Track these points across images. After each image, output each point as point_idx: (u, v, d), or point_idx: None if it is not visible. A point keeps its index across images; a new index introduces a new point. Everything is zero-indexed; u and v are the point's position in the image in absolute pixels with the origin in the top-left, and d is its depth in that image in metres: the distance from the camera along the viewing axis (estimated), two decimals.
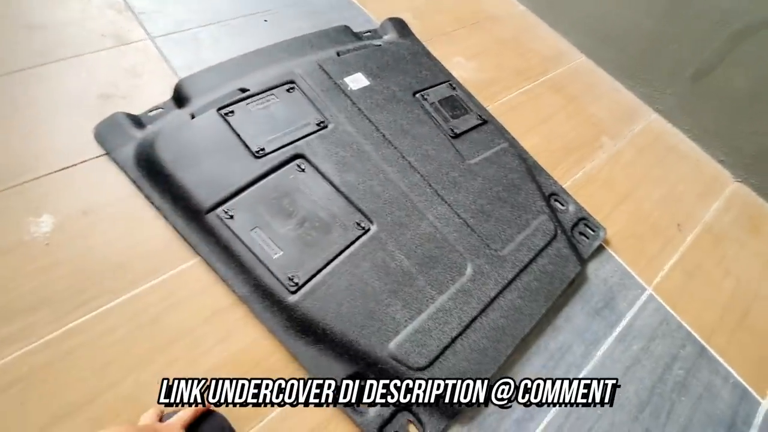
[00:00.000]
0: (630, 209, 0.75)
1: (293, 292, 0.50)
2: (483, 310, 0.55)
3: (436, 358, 0.50)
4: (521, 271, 0.60)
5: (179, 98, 0.63)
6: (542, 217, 0.66)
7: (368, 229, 0.57)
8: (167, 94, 0.64)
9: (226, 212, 0.53)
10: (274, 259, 0.51)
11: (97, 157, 0.56)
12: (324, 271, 0.52)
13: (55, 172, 0.54)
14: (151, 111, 0.62)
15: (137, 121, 0.60)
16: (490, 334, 0.54)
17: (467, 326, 0.53)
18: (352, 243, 0.55)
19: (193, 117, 0.59)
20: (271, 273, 0.50)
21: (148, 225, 0.53)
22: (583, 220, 0.70)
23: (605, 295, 0.64)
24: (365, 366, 0.49)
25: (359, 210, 0.58)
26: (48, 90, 0.61)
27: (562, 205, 0.72)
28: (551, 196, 0.72)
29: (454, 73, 0.82)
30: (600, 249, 0.69)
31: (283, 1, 0.84)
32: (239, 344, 0.48)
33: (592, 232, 0.69)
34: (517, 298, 0.57)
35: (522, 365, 0.55)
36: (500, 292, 0.57)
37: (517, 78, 0.88)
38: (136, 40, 0.70)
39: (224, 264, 0.51)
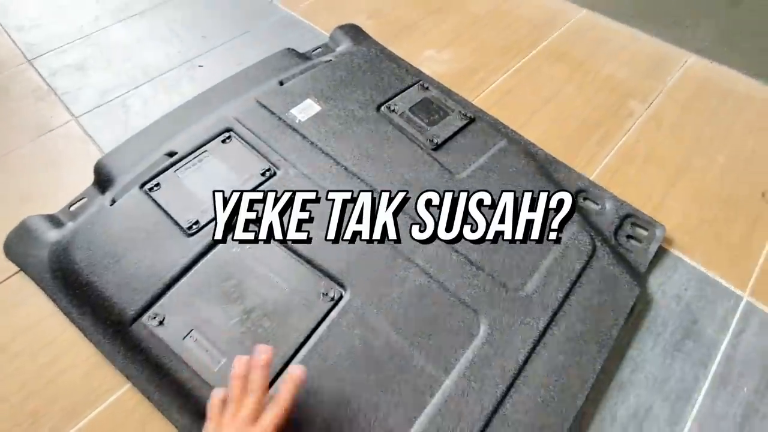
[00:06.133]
0: (690, 187, 0.57)
1: None
2: (512, 384, 0.40)
3: None
4: (556, 312, 0.44)
5: (101, 182, 0.54)
6: (572, 227, 0.50)
7: (340, 298, 0.43)
8: (90, 179, 0.55)
9: (153, 317, 0.41)
10: (216, 372, 0.39)
11: (9, 277, 0.47)
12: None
13: None
14: (72, 204, 0.53)
15: (55, 221, 0.51)
16: (529, 419, 0.38)
17: (493, 413, 0.38)
18: (319, 324, 0.42)
19: (114, 202, 0.50)
20: None
21: (69, 351, 0.43)
22: (629, 217, 0.53)
23: (683, 318, 0.46)
24: None
25: (326, 274, 0.45)
26: None
27: (596, 203, 0.55)
28: (578, 195, 0.55)
29: (426, 70, 0.68)
30: (661, 253, 0.51)
31: (216, 41, 0.75)
32: None
33: (644, 233, 0.52)
34: (558, 355, 0.41)
35: None
36: (532, 351, 0.41)
37: (504, 57, 0.72)
38: (59, 125, 0.62)
39: (158, 388, 0.39)
